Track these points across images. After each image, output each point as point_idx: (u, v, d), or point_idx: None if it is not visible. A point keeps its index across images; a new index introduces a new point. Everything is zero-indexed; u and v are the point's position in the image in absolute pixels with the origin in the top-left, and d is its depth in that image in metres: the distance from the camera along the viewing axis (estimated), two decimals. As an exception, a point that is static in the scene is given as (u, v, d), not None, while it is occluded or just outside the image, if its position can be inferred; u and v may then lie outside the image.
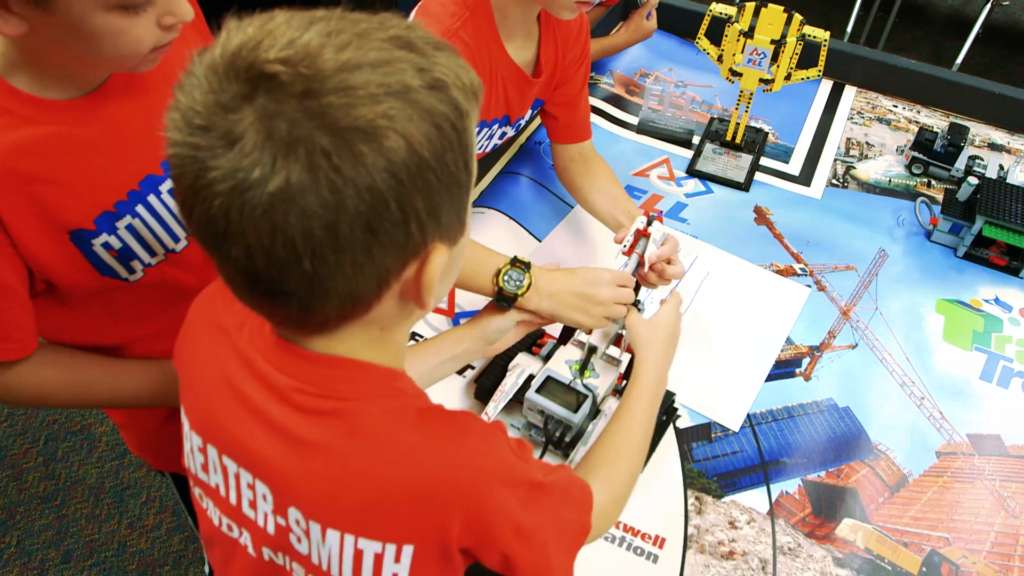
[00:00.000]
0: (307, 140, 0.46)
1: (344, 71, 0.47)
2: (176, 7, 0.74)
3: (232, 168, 0.46)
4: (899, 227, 1.39)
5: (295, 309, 0.53)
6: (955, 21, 3.95)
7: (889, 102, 1.69)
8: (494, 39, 1.08)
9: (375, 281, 0.52)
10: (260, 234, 0.47)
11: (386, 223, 0.49)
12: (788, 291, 1.26)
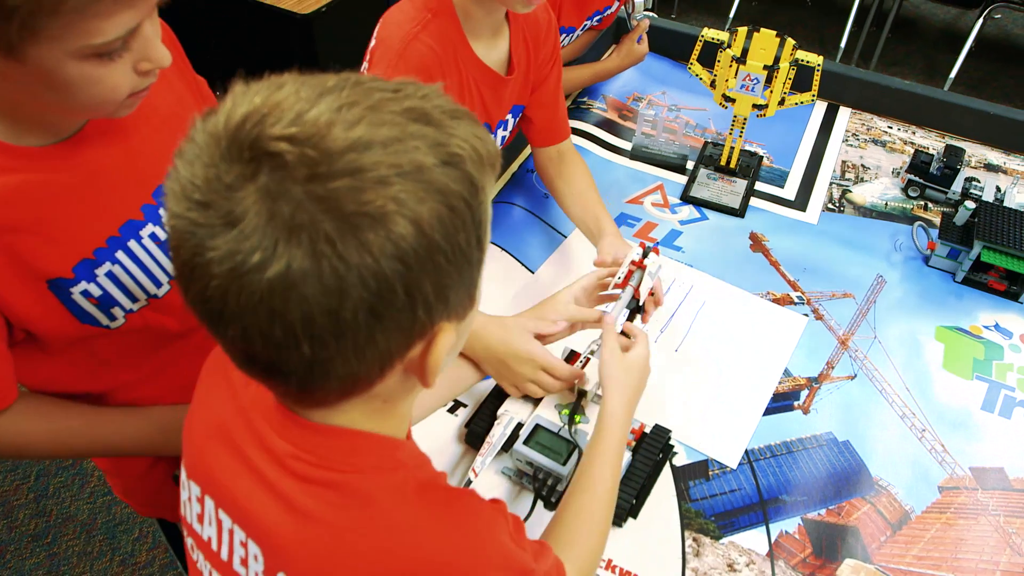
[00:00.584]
0: (311, 226, 0.43)
1: (353, 151, 0.44)
2: (153, 53, 0.73)
3: (231, 250, 0.44)
4: (896, 252, 1.37)
5: (294, 387, 0.51)
6: (948, 35, 3.95)
7: (884, 123, 1.67)
8: (460, 41, 1.06)
9: (377, 364, 0.50)
10: (258, 318, 0.45)
11: (391, 308, 0.47)
12: (785, 321, 1.24)
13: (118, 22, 0.66)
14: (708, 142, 1.56)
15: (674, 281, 1.28)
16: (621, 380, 0.91)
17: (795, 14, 4.07)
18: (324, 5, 2.09)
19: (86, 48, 0.66)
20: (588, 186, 1.25)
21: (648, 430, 1.02)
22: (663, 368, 1.15)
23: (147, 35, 0.71)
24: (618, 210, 1.41)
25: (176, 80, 0.93)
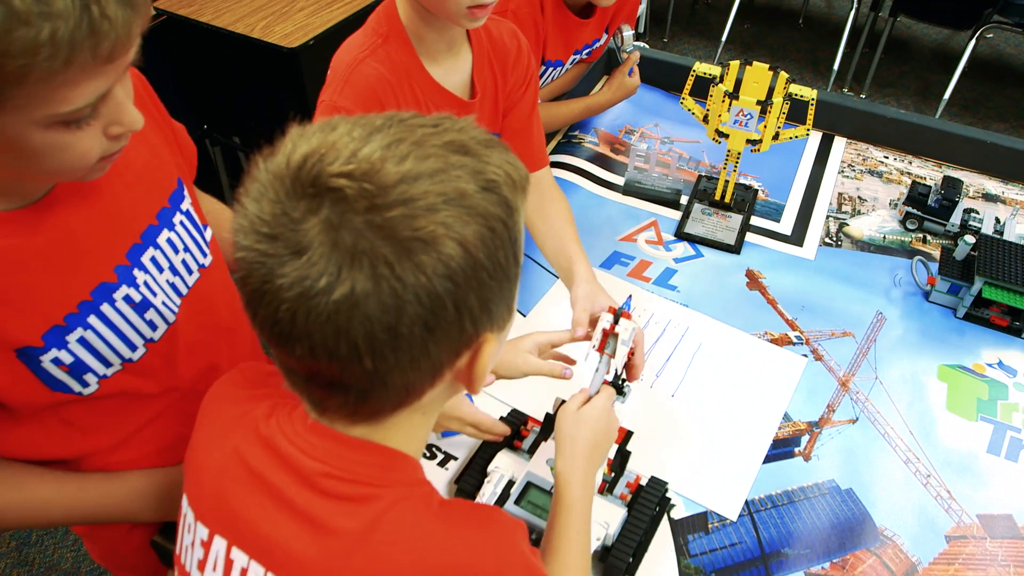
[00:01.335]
0: (370, 251, 0.49)
1: (404, 183, 0.50)
2: (124, 116, 0.70)
3: (299, 276, 0.49)
4: (896, 287, 1.35)
5: (352, 399, 0.55)
6: (940, 55, 3.95)
7: (880, 153, 1.65)
8: (414, 64, 1.04)
9: (430, 373, 0.55)
10: (324, 336, 0.50)
11: (443, 322, 0.52)
12: (784, 362, 1.21)
13: (86, 90, 0.63)
14: (702, 176, 1.53)
15: (669, 323, 1.25)
16: (570, 435, 0.86)
17: (787, 36, 4.07)
18: (311, 39, 2.07)
19: (53, 116, 0.63)
20: (565, 222, 1.19)
21: (644, 482, 0.99)
22: (659, 415, 1.12)
23: (118, 99, 0.68)
24: (611, 248, 1.39)
25: (151, 133, 0.90)
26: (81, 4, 0.57)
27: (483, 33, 1.11)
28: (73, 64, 0.60)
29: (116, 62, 0.63)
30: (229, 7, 2.21)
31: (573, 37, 1.50)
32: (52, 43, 0.57)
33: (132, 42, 0.64)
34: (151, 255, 0.85)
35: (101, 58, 0.61)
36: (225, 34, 2.12)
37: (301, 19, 2.16)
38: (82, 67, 0.61)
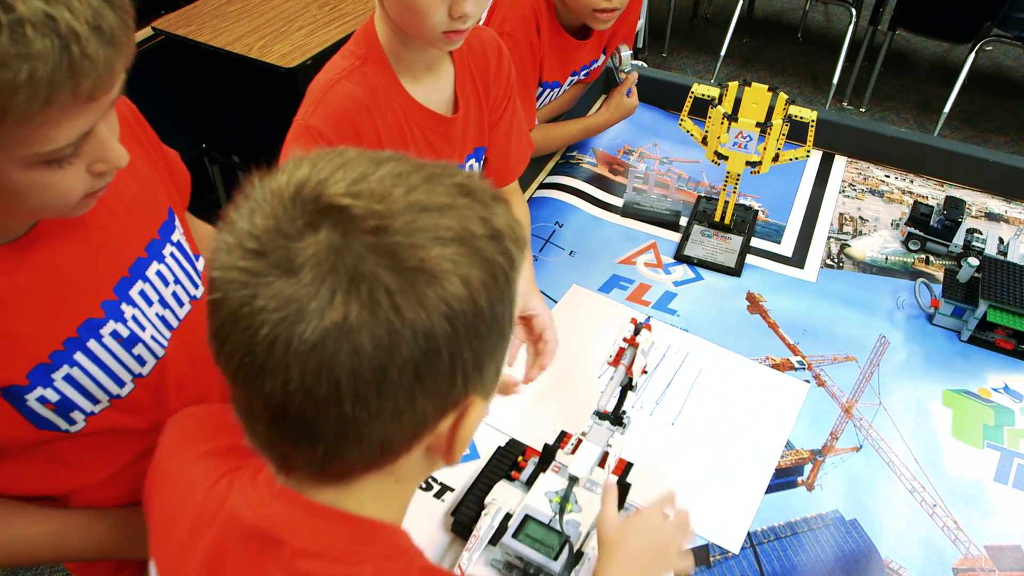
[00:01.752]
0: (372, 277, 0.44)
1: (414, 211, 0.47)
2: (108, 154, 0.68)
3: (287, 298, 0.44)
4: (899, 310, 1.33)
5: (320, 454, 0.49)
6: (939, 68, 3.95)
7: (881, 172, 1.64)
8: (392, 84, 1.03)
9: (411, 430, 0.50)
10: (304, 369, 0.45)
11: (435, 371, 0.47)
12: (786, 388, 1.19)
13: (68, 129, 0.62)
14: (702, 196, 1.52)
15: (669, 348, 1.24)
16: (613, 541, 0.81)
17: (786, 50, 4.07)
18: (308, 58, 2.07)
19: (34, 156, 0.62)
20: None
21: None
22: (659, 445, 1.10)
23: (101, 137, 0.67)
24: (610, 271, 1.37)
25: (141, 162, 0.89)
26: (61, 44, 0.56)
27: (464, 47, 1.10)
28: (53, 104, 0.58)
29: (98, 100, 0.62)
30: (227, 27, 2.20)
31: (570, 59, 1.49)
32: (31, 84, 0.56)
33: (115, 80, 0.63)
34: (140, 289, 0.83)
35: (82, 98, 0.60)
36: (223, 54, 2.12)
37: (299, 39, 2.15)
38: (63, 107, 0.59)
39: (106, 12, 0.59)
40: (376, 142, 1.03)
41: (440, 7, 0.93)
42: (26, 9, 0.54)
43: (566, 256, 1.40)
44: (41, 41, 0.55)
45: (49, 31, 0.55)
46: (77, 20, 0.57)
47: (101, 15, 0.59)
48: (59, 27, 0.56)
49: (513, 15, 1.35)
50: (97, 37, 0.58)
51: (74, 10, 0.57)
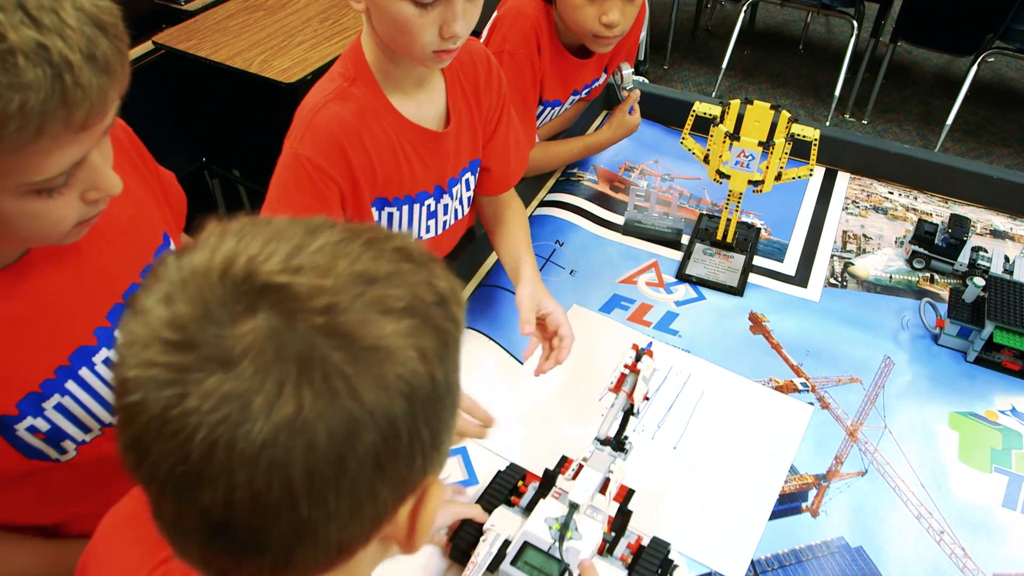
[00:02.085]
0: (323, 361, 0.39)
1: (360, 284, 0.42)
2: (102, 182, 0.67)
3: (225, 394, 0.38)
4: (904, 330, 1.31)
5: (268, 566, 0.42)
6: (942, 80, 3.94)
7: (884, 188, 1.63)
8: (381, 103, 1.03)
9: (371, 524, 0.44)
10: (252, 474, 0.38)
11: (395, 456, 0.42)
12: (790, 411, 1.17)
13: (60, 158, 0.61)
14: (703, 214, 1.51)
15: (671, 370, 1.22)
16: None
17: (788, 62, 4.06)
18: (308, 73, 2.06)
19: (25, 186, 0.61)
20: (519, 228, 1.25)
21: (646, 543, 0.96)
22: (660, 470, 1.09)
23: (95, 165, 0.66)
24: (611, 291, 1.36)
25: (136, 186, 0.88)
26: (53, 74, 0.55)
27: (453, 61, 1.09)
28: (45, 134, 0.57)
29: (91, 129, 0.61)
30: (228, 41, 2.20)
31: (572, 77, 1.48)
32: (22, 114, 0.55)
33: (108, 108, 0.62)
34: (133, 315, 0.82)
35: (75, 127, 0.59)
36: (223, 69, 2.12)
37: (299, 54, 2.15)
38: (54, 137, 0.58)
39: (100, 40, 0.58)
40: (367, 163, 1.03)
41: (430, 27, 0.92)
42: (17, 38, 0.53)
43: (567, 276, 1.38)
44: (33, 71, 0.54)
45: (41, 60, 0.54)
46: (71, 49, 0.56)
47: (95, 43, 0.58)
48: (51, 56, 0.55)
49: (514, 34, 1.34)
50: (91, 66, 0.58)
51: (67, 39, 0.56)
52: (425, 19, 0.90)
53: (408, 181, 1.08)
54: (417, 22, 0.91)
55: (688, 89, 3.87)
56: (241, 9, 2.35)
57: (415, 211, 1.12)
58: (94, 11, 0.58)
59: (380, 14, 0.92)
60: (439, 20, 0.91)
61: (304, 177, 0.98)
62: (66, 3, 0.56)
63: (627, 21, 1.33)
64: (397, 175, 1.06)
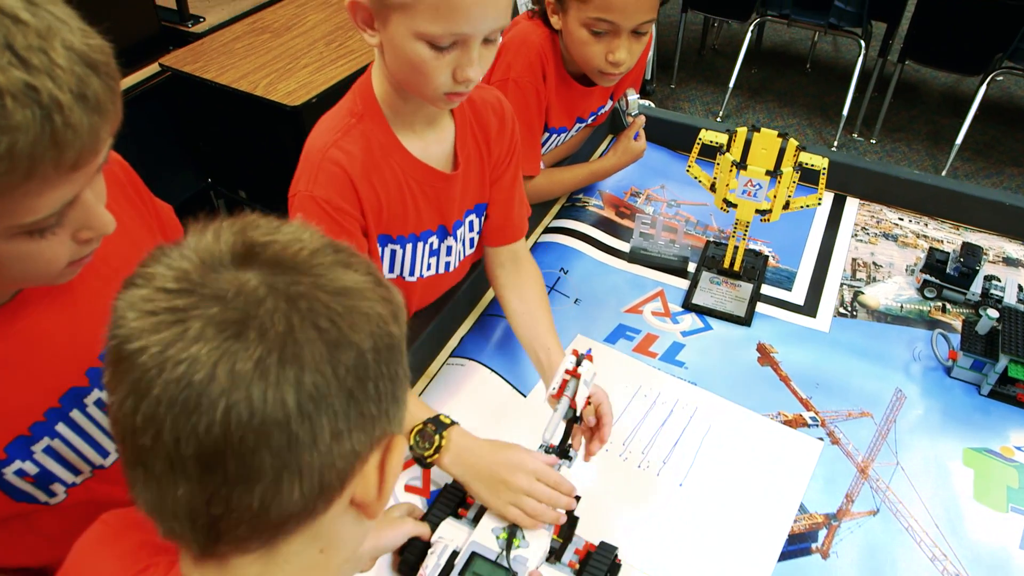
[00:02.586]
0: (308, 296, 0.46)
1: (331, 249, 0.50)
2: (95, 221, 0.66)
3: (224, 321, 0.44)
4: (916, 361, 1.29)
5: (255, 504, 0.45)
6: (950, 99, 3.92)
7: (894, 214, 1.60)
8: (389, 141, 1.01)
9: (346, 462, 0.48)
10: (249, 392, 0.43)
11: (365, 389, 0.48)
12: (799, 446, 1.15)
13: (51, 200, 0.60)
14: (710, 241, 1.48)
15: (677, 402, 1.20)
16: None
17: (795, 81, 4.05)
18: (314, 96, 2.06)
19: (16, 227, 0.59)
20: (540, 306, 1.17)
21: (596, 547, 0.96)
22: (667, 508, 1.06)
23: (87, 204, 0.65)
24: (616, 321, 1.33)
25: (132, 222, 0.86)
26: (43, 114, 0.54)
27: (465, 102, 1.08)
28: (35, 176, 0.56)
29: (83, 169, 0.60)
30: (234, 64, 2.20)
31: (577, 105, 1.47)
32: (10, 157, 0.53)
33: (100, 147, 0.61)
34: (126, 354, 0.80)
35: (66, 167, 0.58)
36: (229, 91, 2.11)
37: (304, 76, 2.14)
38: (45, 178, 0.57)
39: (91, 79, 0.57)
40: (374, 200, 1.01)
41: (444, 70, 0.90)
42: (5, 80, 0.52)
43: (571, 304, 1.36)
44: (21, 112, 0.53)
45: (30, 102, 0.53)
46: (60, 89, 0.55)
47: (86, 82, 0.57)
48: (41, 97, 0.54)
49: (519, 61, 1.33)
50: (82, 105, 0.56)
51: (57, 79, 0.55)
52: (440, 62, 0.89)
53: (413, 219, 1.06)
54: (432, 64, 0.89)
55: (695, 108, 3.86)
56: (247, 31, 2.35)
57: (418, 249, 1.10)
58: (85, 50, 0.57)
59: (394, 52, 0.91)
60: (454, 63, 0.90)
61: (326, 218, 0.98)
62: (56, 43, 0.55)
63: (633, 58, 1.31)
64: (402, 213, 1.05)
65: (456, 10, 0.85)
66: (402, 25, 0.87)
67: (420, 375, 1.23)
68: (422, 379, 1.23)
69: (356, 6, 0.90)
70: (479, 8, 0.86)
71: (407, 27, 0.87)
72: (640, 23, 1.26)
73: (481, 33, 0.89)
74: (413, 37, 0.87)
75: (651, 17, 1.27)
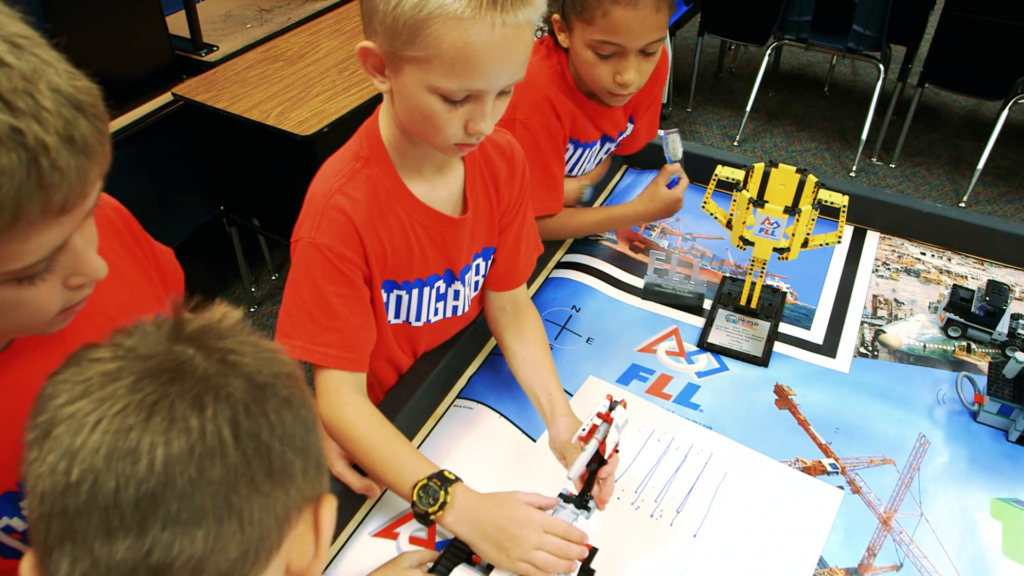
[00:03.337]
0: (227, 387, 0.47)
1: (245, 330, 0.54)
2: (84, 267, 0.64)
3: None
4: (940, 405, 1.24)
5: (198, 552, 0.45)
6: (971, 123, 3.87)
7: (916, 249, 1.56)
8: (395, 185, 0.99)
9: (278, 525, 0.49)
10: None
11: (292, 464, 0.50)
12: (818, 495, 1.10)
13: (39, 244, 0.58)
14: (727, 277, 1.45)
15: (691, 447, 1.16)
16: None
17: (813, 104, 4.02)
18: (325, 126, 2.05)
19: (4, 274, 0.58)
20: (542, 350, 1.15)
21: None
22: (681, 560, 1.02)
23: (77, 249, 0.63)
24: (629, 361, 1.30)
25: (129, 269, 0.84)
26: (28, 157, 0.52)
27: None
28: (21, 220, 0.54)
29: (72, 213, 0.59)
30: (246, 92, 2.19)
31: (597, 122, 1.43)
32: None
33: (89, 190, 0.59)
34: (121, 406, 0.78)
35: (53, 211, 0.56)
36: (241, 121, 2.11)
37: (316, 105, 2.13)
38: (31, 222, 0.56)
39: (79, 121, 0.56)
40: (379, 247, 0.99)
41: (456, 123, 0.88)
42: None
43: (583, 344, 1.33)
44: (7, 156, 0.51)
45: (15, 144, 0.52)
46: (47, 131, 0.53)
47: (73, 125, 0.55)
48: (26, 140, 0.52)
49: (525, 102, 1.30)
50: (69, 148, 0.55)
51: (43, 121, 0.53)
52: (453, 115, 0.87)
53: (419, 265, 1.04)
54: (444, 117, 0.87)
55: (711, 132, 3.83)
56: (260, 60, 2.35)
57: (424, 294, 1.08)
58: (72, 92, 0.56)
59: (405, 101, 0.89)
60: (467, 116, 0.88)
61: (330, 266, 0.95)
62: (42, 85, 0.54)
63: (643, 77, 1.28)
64: (408, 259, 1.02)
65: (473, 67, 0.83)
66: (415, 77, 0.85)
67: (427, 417, 1.20)
68: (428, 421, 1.20)
69: (367, 52, 0.88)
70: (496, 65, 0.84)
71: (420, 80, 0.85)
72: (647, 43, 1.23)
73: (496, 88, 0.87)
74: (426, 90, 0.85)
75: (658, 37, 1.23)
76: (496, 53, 0.83)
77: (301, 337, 0.98)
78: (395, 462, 0.95)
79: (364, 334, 1.01)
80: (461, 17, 0.80)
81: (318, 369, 1.00)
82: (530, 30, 0.86)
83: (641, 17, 1.19)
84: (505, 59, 0.84)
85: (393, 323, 1.09)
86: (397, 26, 0.82)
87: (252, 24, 2.65)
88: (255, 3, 2.78)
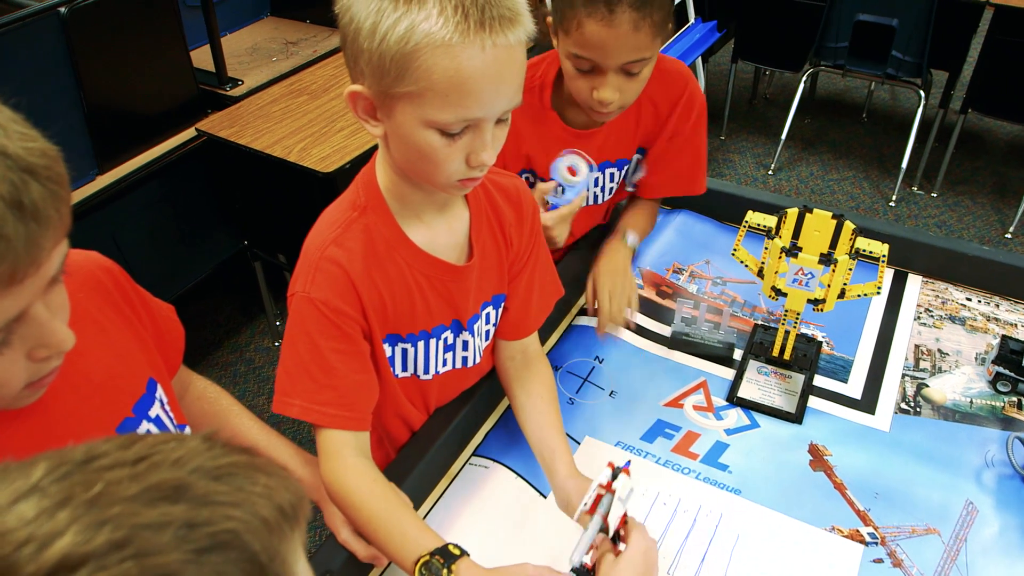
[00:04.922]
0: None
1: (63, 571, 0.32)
2: (48, 338, 0.61)
3: None
4: (988, 468, 1.16)
5: None
6: (1017, 149, 3.74)
7: (961, 294, 1.48)
8: (394, 234, 0.95)
9: None
10: None
11: None
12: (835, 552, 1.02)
13: None
14: (758, 325, 1.38)
15: (721, 518, 1.09)
16: None
17: (851, 131, 3.92)
18: (347, 162, 2.02)
19: None
20: (549, 404, 1.10)
21: None
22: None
23: (40, 320, 0.59)
24: (654, 416, 1.23)
25: (118, 332, 0.81)
26: None
27: (480, 189, 1.01)
28: None
29: (25, 283, 0.55)
30: (269, 128, 2.18)
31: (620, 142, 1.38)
32: None
33: (43, 258, 0.55)
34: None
35: (2, 281, 0.53)
36: (263, 157, 2.09)
37: (339, 140, 2.11)
38: None
39: (30, 185, 0.52)
40: (378, 300, 0.95)
41: (457, 156, 0.84)
42: None
43: (606, 398, 1.27)
44: None
45: None
46: None
47: (21, 189, 0.52)
48: None
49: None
50: (15, 214, 0.51)
51: None
52: (452, 148, 0.83)
53: (423, 316, 0.99)
54: (444, 152, 0.83)
55: (745, 161, 3.75)
56: (285, 94, 2.34)
57: (431, 346, 1.03)
58: (21, 154, 0.52)
59: (401, 142, 0.85)
60: (467, 149, 0.84)
61: (326, 321, 0.92)
62: None
63: (626, 96, 1.20)
64: (410, 311, 0.98)
65: (467, 95, 0.79)
66: (409, 114, 0.82)
67: (440, 476, 1.14)
68: (443, 480, 1.14)
69: (357, 97, 0.84)
70: (490, 90, 0.80)
71: (414, 116, 0.81)
72: (624, 63, 1.15)
73: (494, 115, 0.83)
74: (422, 125, 0.82)
75: (639, 57, 1.15)
76: (489, 77, 0.79)
77: (300, 396, 0.94)
78: (397, 534, 0.90)
79: (364, 391, 0.97)
80: (450, 44, 0.77)
81: (318, 429, 0.95)
82: (521, 51, 0.83)
83: (616, 35, 1.11)
84: (499, 83, 0.80)
85: (401, 376, 1.05)
86: (384, 63, 0.79)
87: (278, 57, 2.65)
88: (281, 36, 2.79)
